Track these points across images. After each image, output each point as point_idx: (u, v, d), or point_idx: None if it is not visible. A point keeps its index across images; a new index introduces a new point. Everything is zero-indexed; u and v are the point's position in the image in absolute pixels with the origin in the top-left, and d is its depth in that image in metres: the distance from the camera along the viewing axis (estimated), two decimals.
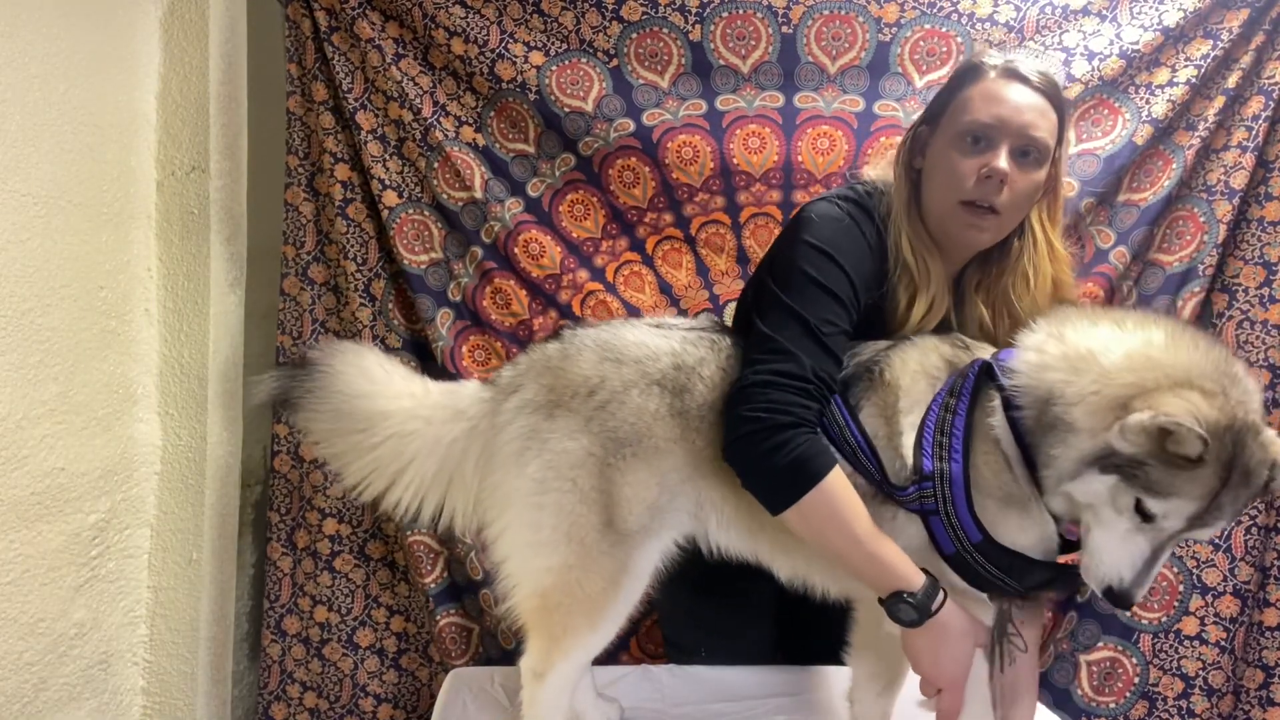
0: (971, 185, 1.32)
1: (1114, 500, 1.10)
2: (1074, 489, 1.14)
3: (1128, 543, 1.11)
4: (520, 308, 2.08)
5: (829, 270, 1.31)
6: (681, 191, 2.01)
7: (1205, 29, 1.89)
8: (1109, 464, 1.09)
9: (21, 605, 1.65)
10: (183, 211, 1.98)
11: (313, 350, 1.47)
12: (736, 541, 1.37)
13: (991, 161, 1.30)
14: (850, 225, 1.36)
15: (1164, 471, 1.05)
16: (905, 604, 1.19)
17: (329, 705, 2.21)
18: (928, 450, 1.20)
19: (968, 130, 1.33)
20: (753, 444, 1.22)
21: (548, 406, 1.33)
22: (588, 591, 1.29)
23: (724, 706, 1.55)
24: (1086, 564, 1.16)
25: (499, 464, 1.34)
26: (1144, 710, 1.98)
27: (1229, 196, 1.90)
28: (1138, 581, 1.11)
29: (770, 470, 1.22)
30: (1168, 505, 1.07)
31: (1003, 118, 1.31)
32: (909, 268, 1.38)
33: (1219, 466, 1.05)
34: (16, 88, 1.57)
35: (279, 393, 1.44)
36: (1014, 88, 1.32)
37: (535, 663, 1.33)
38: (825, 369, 1.27)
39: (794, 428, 1.21)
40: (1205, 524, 1.09)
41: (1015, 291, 1.42)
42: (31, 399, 1.64)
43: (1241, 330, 1.93)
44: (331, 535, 2.16)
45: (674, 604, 1.76)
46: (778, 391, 1.23)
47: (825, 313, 1.29)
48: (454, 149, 2.01)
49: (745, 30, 1.97)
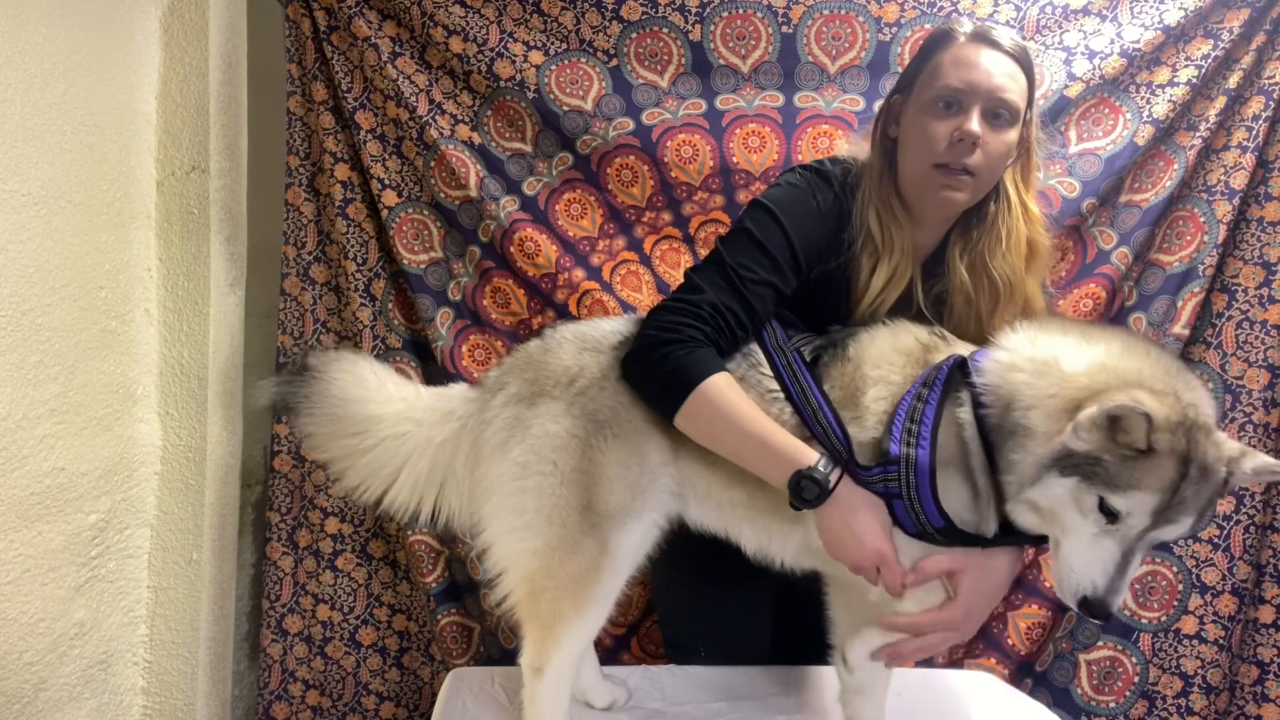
0: (944, 148, 1.35)
1: (1077, 502, 1.11)
2: (1037, 495, 1.14)
3: (1096, 547, 1.11)
4: (519, 307, 2.08)
5: (767, 226, 1.37)
6: (680, 191, 2.00)
7: (1206, 28, 1.89)
8: (1068, 465, 1.10)
9: (21, 605, 1.66)
10: (183, 211, 1.98)
11: (310, 357, 1.53)
12: (711, 517, 1.41)
13: (964, 124, 1.34)
14: (804, 190, 1.41)
15: (1121, 465, 1.07)
16: (805, 481, 1.22)
17: (331, 703, 2.21)
18: (896, 435, 1.21)
19: (940, 95, 1.36)
20: (637, 359, 1.33)
21: (530, 397, 1.38)
22: (570, 573, 1.32)
23: (724, 706, 1.55)
24: (1058, 578, 1.16)
25: (485, 455, 1.39)
26: (1144, 709, 1.99)
27: (1229, 196, 1.91)
28: (1112, 588, 1.10)
29: (653, 381, 1.32)
30: (1130, 500, 1.07)
31: (973, 81, 1.34)
32: (872, 236, 1.41)
33: (1175, 459, 1.06)
34: (16, 87, 1.57)
35: (278, 398, 1.50)
36: (984, 52, 1.36)
37: (532, 657, 1.35)
38: (728, 305, 1.33)
39: (675, 343, 1.30)
40: (1171, 519, 1.08)
41: (990, 252, 1.44)
42: (31, 399, 1.64)
43: (1241, 330, 1.93)
44: (334, 534, 2.16)
45: (674, 605, 1.76)
46: (669, 314, 1.33)
47: (748, 261, 1.35)
48: (449, 147, 2.01)
49: (745, 30, 1.97)
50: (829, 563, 1.36)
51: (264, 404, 1.52)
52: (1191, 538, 1.95)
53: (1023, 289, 1.45)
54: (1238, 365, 1.93)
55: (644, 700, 1.57)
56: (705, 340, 1.32)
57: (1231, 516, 1.93)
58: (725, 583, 1.62)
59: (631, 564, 1.39)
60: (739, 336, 1.36)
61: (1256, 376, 1.92)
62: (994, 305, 1.44)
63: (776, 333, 1.40)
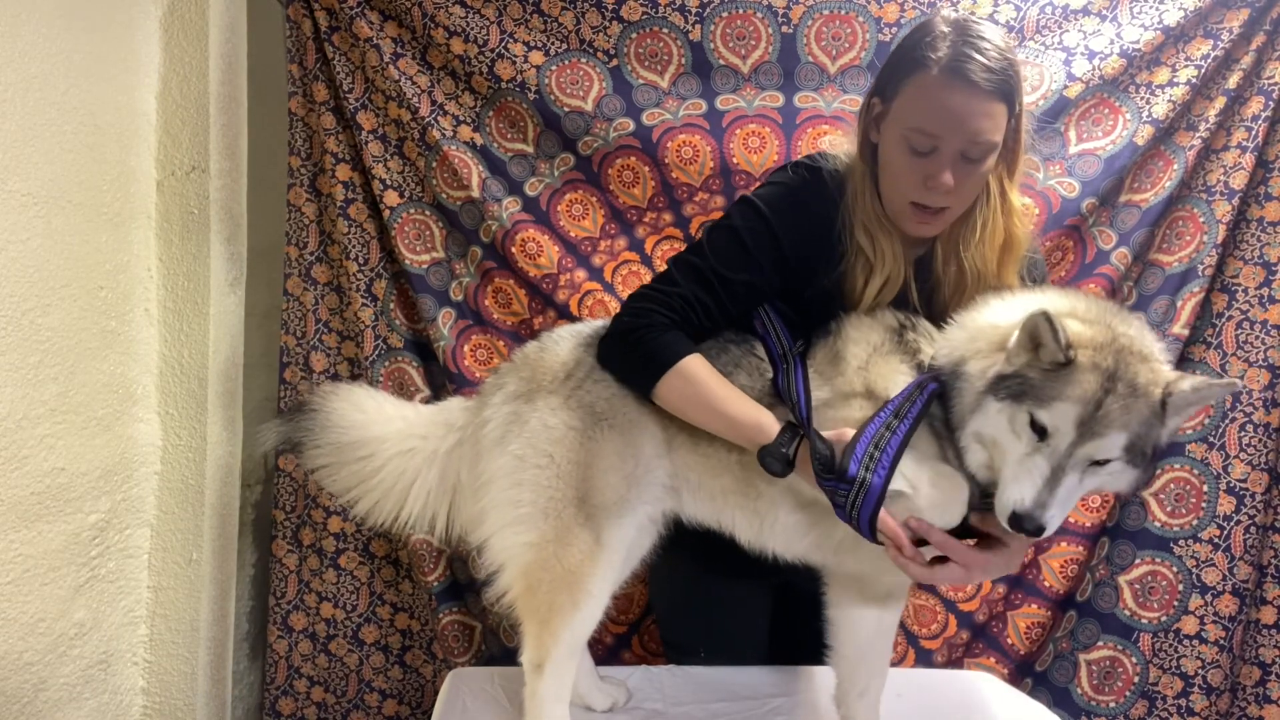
0: (918, 191, 1.32)
1: (1011, 424, 1.15)
2: (979, 425, 1.18)
3: (1026, 464, 1.14)
4: (521, 307, 2.08)
5: (754, 225, 1.38)
6: (681, 191, 2.00)
7: (1205, 29, 1.89)
8: (1000, 389, 1.16)
9: (21, 605, 1.66)
10: (183, 211, 1.98)
11: (307, 396, 1.60)
12: (706, 509, 1.42)
13: (936, 174, 1.29)
14: (795, 189, 1.40)
15: (1044, 380, 1.13)
16: (769, 455, 1.26)
17: (335, 699, 2.23)
18: (858, 456, 1.21)
19: (912, 133, 1.29)
20: (611, 342, 1.39)
21: (528, 393, 1.40)
22: (566, 566, 1.33)
23: (724, 706, 1.55)
24: (996, 501, 1.18)
25: (483, 451, 1.41)
26: (1144, 709, 1.99)
27: (1229, 197, 1.91)
28: (1040, 501, 1.12)
29: (627, 365, 1.38)
30: (1054, 412, 1.11)
31: (948, 128, 1.27)
32: (863, 250, 1.39)
33: (1098, 374, 1.11)
34: (16, 88, 1.57)
35: (283, 437, 1.54)
36: (958, 94, 1.25)
37: (532, 653, 1.36)
38: (700, 298, 1.37)
39: (646, 328, 1.35)
40: (1096, 433, 1.11)
41: (964, 242, 1.41)
42: (31, 399, 1.64)
43: (1241, 330, 1.94)
44: (336, 533, 2.17)
45: (671, 606, 1.76)
46: (641, 302, 1.39)
47: (728, 258, 1.37)
48: (451, 148, 2.01)
49: (745, 30, 1.97)
50: (822, 551, 1.37)
51: (270, 447, 1.57)
52: (1191, 538, 1.95)
53: (992, 281, 1.41)
54: (1238, 365, 1.94)
55: (644, 700, 1.58)
56: (675, 326, 1.36)
57: (1232, 517, 1.93)
58: (723, 583, 1.62)
59: (626, 557, 1.40)
60: (707, 328, 1.40)
61: (1256, 376, 1.92)
62: (959, 294, 1.41)
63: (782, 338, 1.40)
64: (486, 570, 1.44)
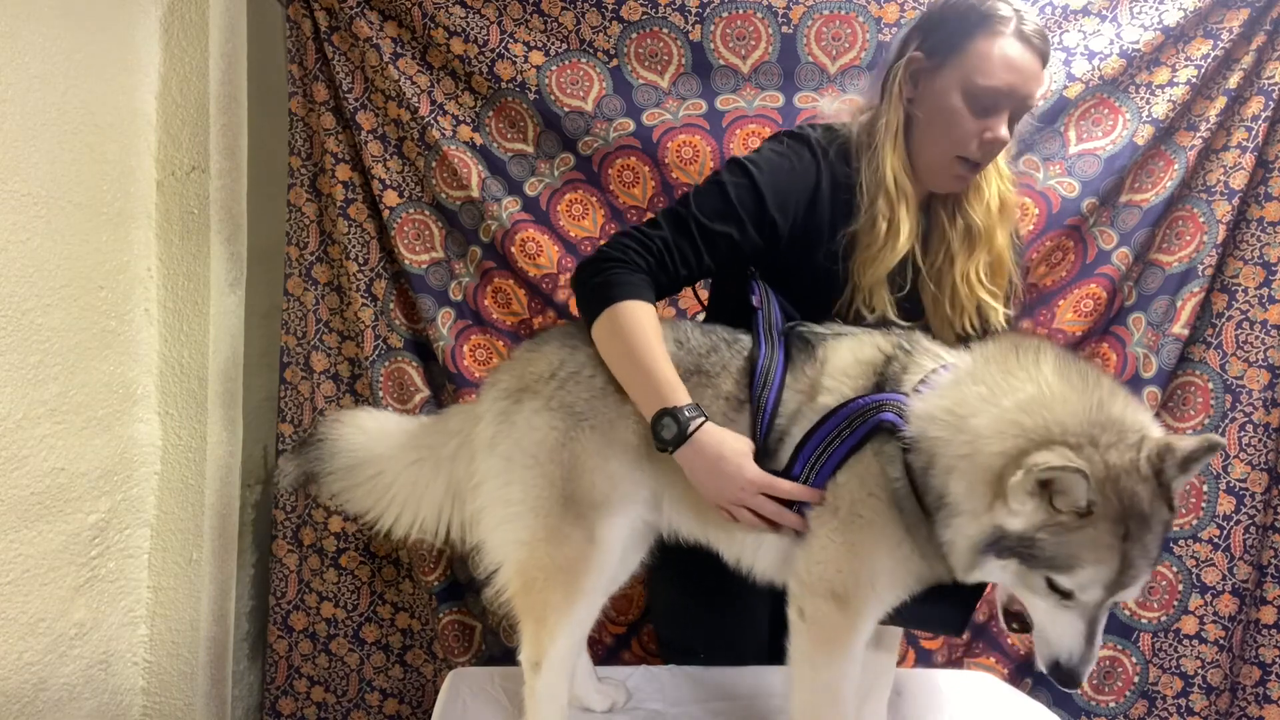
0: (975, 147, 1.37)
1: (1024, 583, 1.06)
2: (983, 578, 1.11)
3: (1058, 622, 1.07)
4: (521, 307, 2.08)
5: (739, 180, 1.40)
6: (681, 191, 2.00)
7: (1205, 29, 1.89)
8: (1003, 548, 1.04)
9: (21, 605, 1.66)
10: (183, 211, 1.98)
11: (311, 430, 1.64)
12: (688, 523, 1.40)
13: (996, 129, 1.36)
14: (783, 153, 1.44)
15: (1058, 542, 1.00)
16: (666, 419, 1.27)
17: (336, 699, 2.23)
18: (803, 459, 1.22)
19: (980, 93, 1.35)
20: (580, 271, 1.40)
21: (516, 393, 1.41)
22: (559, 563, 1.33)
23: (724, 706, 1.55)
24: (1037, 649, 1.13)
25: (476, 451, 1.42)
26: (1144, 709, 1.99)
27: (1229, 197, 1.91)
28: (1084, 659, 1.07)
29: (585, 290, 1.38)
30: (1078, 577, 1.01)
31: (1014, 87, 1.35)
32: (889, 194, 1.41)
33: (1112, 523, 0.99)
34: (16, 88, 1.57)
35: (300, 470, 1.56)
36: (1026, 54, 1.34)
37: (530, 651, 1.36)
38: (679, 244, 1.39)
39: (618, 262, 1.36)
40: (1126, 585, 1.02)
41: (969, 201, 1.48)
42: (31, 399, 1.64)
43: (1241, 330, 1.94)
44: (336, 533, 2.17)
45: (671, 606, 1.76)
46: (623, 239, 1.40)
47: (710, 208, 1.39)
48: (451, 148, 2.01)
49: (745, 30, 1.97)
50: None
51: (290, 483, 1.59)
52: (1191, 538, 1.96)
53: (994, 238, 1.48)
54: (1238, 365, 1.94)
55: (644, 700, 1.57)
56: (645, 269, 1.37)
57: (1232, 516, 1.94)
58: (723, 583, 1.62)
59: (623, 556, 1.39)
60: (682, 275, 1.41)
61: (1256, 376, 1.92)
62: (969, 252, 1.48)
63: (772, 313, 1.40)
64: (485, 570, 1.44)
